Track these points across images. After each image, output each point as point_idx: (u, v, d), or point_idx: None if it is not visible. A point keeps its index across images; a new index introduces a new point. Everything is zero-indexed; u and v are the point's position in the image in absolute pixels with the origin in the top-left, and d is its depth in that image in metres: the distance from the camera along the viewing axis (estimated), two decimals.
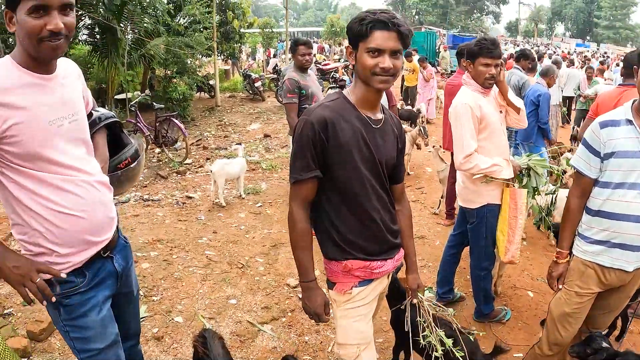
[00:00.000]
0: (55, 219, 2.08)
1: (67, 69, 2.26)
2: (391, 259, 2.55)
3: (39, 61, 2.04)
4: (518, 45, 48.09)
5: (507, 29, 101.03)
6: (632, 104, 2.85)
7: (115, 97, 13.39)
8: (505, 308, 4.73)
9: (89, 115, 2.49)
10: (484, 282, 4.40)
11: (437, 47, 30.81)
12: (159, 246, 6.07)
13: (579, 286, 3.06)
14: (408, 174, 9.43)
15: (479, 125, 3.91)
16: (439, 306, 2.83)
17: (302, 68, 5.79)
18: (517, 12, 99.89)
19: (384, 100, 6.41)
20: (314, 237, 2.43)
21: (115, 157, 2.78)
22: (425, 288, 5.05)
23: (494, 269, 4.67)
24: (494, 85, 4.01)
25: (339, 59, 22.89)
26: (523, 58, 8.60)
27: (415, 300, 2.75)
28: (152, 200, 7.91)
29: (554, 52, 26.10)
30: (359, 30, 2.20)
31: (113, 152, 2.74)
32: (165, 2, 15.11)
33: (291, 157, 2.37)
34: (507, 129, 8.05)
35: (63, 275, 2.11)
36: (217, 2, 17.67)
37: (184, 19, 15.10)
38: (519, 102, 4.19)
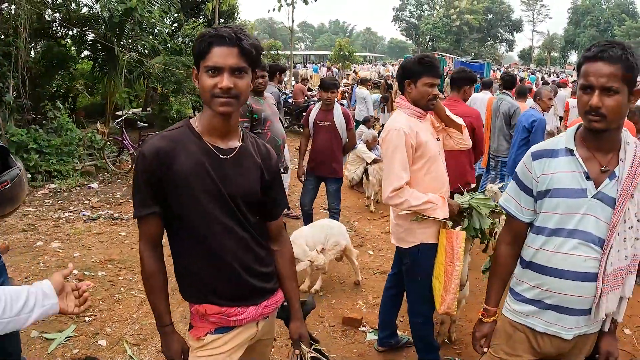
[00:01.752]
0: None
1: None
2: (255, 305, 2.27)
3: None
4: (533, 73, 47.92)
5: (521, 57, 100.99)
6: (577, 129, 2.34)
7: (117, 113, 13.42)
8: (455, 359, 4.40)
9: None
10: (422, 329, 3.92)
11: (445, 74, 30.72)
12: (108, 266, 5.97)
13: (506, 352, 2.54)
14: (377, 201, 9.20)
15: (414, 154, 3.53)
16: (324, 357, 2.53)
17: (257, 91, 5.70)
18: (530, 40, 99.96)
19: (341, 122, 6.32)
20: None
21: None
22: (371, 330, 4.86)
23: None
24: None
25: (354, 84, 22.71)
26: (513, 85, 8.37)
27: (297, 352, 2.42)
28: (122, 219, 7.84)
29: (550, 80, 25.81)
30: (199, 47, 2.01)
31: None
32: (168, 22, 15.28)
33: (132, 192, 2.18)
34: (493, 158, 8.04)
35: None
36: (220, 22, 17.77)
37: (183, 38, 15.15)
38: (458, 119, 3.87)
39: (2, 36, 9.31)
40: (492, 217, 3.91)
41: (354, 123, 7.16)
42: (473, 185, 5.43)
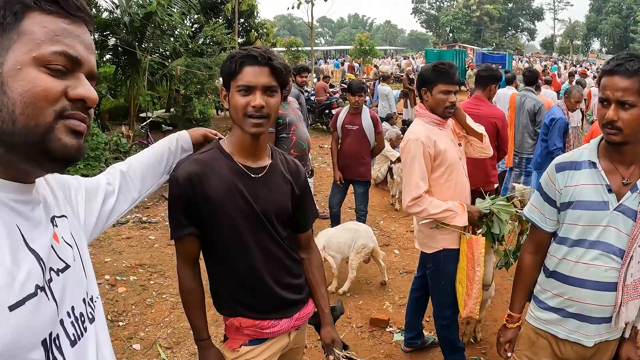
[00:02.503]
0: None
1: None
2: (288, 318, 2.34)
3: None
4: (555, 63, 47.31)
5: (543, 46, 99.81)
6: (600, 141, 2.36)
7: (140, 115, 13.58)
8: (480, 359, 4.46)
9: None
10: (447, 331, 4.00)
11: (466, 66, 30.39)
12: (139, 271, 6.09)
13: (529, 357, 2.62)
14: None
15: (433, 163, 3.57)
16: None
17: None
18: (552, 29, 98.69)
19: (370, 126, 6.36)
20: None
21: None
22: (398, 331, 4.93)
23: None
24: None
25: (376, 79, 22.51)
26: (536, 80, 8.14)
27: (331, 357, 2.44)
28: (150, 222, 7.97)
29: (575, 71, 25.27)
30: (229, 68, 2.05)
31: None
32: (188, 24, 15.44)
33: (168, 213, 2.25)
34: (516, 155, 8.00)
35: None
36: (240, 22, 17.90)
37: (203, 40, 15.27)
38: (480, 128, 3.85)
39: None
40: (512, 222, 3.91)
41: (383, 129, 7.15)
42: (496, 185, 5.44)
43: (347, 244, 5.62)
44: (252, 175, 2.18)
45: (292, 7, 23.22)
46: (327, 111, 15.74)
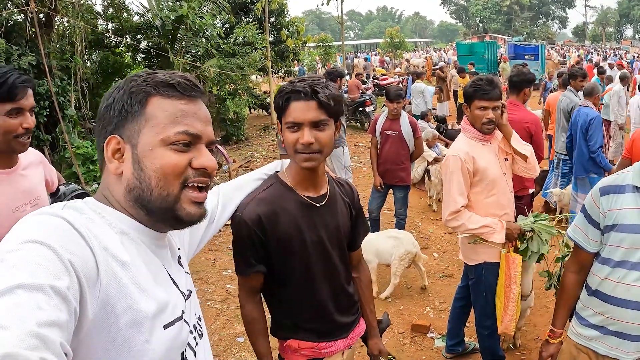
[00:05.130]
0: None
1: (27, 159, 2.52)
2: (343, 338, 2.41)
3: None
4: (589, 52, 46.32)
5: (574, 34, 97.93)
6: None
7: None
8: None
9: (57, 190, 2.69)
10: (488, 340, 4.09)
11: (498, 58, 29.87)
12: None
13: None
14: (439, 200, 9.07)
15: (472, 179, 3.62)
16: None
17: None
18: (583, 16, 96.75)
19: (408, 131, 6.39)
20: None
21: None
22: (439, 336, 4.98)
23: None
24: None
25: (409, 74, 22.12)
26: (572, 78, 7.81)
27: None
28: None
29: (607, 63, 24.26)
30: (278, 103, 2.05)
31: None
32: (219, 24, 15.57)
33: (232, 251, 2.25)
34: (556, 156, 7.85)
35: None
36: (271, 21, 18.00)
37: (235, 40, 15.39)
38: (525, 149, 3.76)
39: (60, 52, 9.61)
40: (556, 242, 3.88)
41: (421, 132, 7.16)
42: (531, 191, 5.42)
43: (388, 252, 5.67)
44: (317, 205, 2.21)
45: (322, 4, 23.30)
46: (360, 109, 15.75)
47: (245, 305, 2.31)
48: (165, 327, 1.23)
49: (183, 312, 1.33)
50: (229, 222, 2.18)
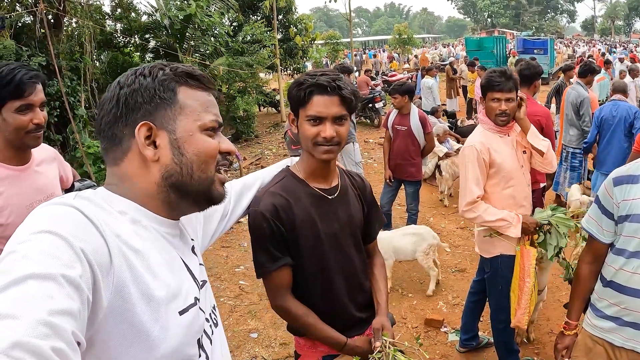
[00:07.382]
0: None
1: (40, 155, 2.52)
2: (359, 335, 2.32)
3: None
4: (595, 46, 45.88)
5: (583, 28, 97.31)
6: None
7: None
8: (534, 359, 4.46)
9: (72, 186, 2.69)
10: (502, 334, 4.02)
11: (507, 53, 29.70)
12: None
13: None
14: (450, 195, 9.11)
15: (488, 170, 3.58)
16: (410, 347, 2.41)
17: None
18: (592, 10, 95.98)
19: (418, 126, 6.38)
20: None
21: None
22: (452, 331, 4.97)
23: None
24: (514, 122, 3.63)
25: (418, 69, 21.95)
26: (590, 73, 7.71)
27: (377, 344, 2.27)
28: None
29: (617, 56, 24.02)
30: (298, 96, 2.03)
31: None
32: (227, 23, 15.60)
33: (253, 252, 2.19)
34: (564, 149, 7.80)
35: None
36: (279, 19, 18.00)
37: (243, 38, 15.41)
38: (542, 144, 3.68)
39: (70, 53, 9.64)
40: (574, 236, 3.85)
41: (432, 127, 7.13)
42: (542, 185, 5.38)
43: (409, 249, 5.65)
44: (329, 197, 2.21)
45: (330, 1, 23.28)
46: (370, 105, 15.73)
47: (287, 307, 2.20)
48: (181, 313, 1.27)
49: (197, 300, 1.35)
50: (241, 220, 2.17)
